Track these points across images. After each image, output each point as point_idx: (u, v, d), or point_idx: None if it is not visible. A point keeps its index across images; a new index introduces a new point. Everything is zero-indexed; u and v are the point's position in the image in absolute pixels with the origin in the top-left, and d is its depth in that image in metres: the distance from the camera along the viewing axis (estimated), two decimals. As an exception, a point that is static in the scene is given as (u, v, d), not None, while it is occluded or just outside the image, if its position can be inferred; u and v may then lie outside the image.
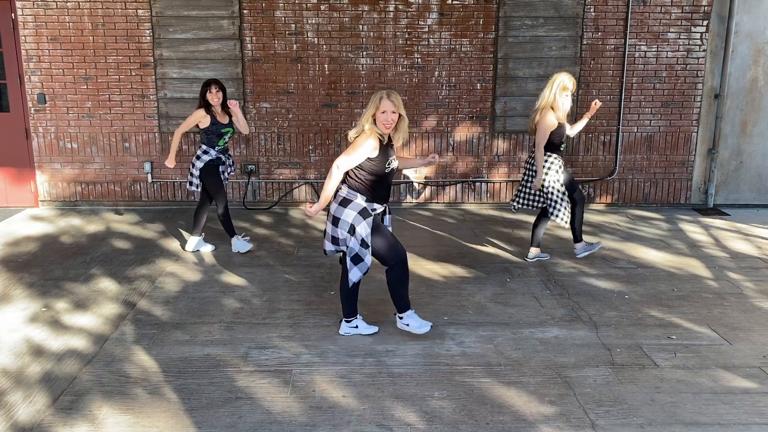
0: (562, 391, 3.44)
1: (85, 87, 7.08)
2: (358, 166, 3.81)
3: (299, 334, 4.10)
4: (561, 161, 5.22)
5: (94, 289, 4.89)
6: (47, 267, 5.35)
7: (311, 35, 7.04)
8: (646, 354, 3.86)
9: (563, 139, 5.19)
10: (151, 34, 6.98)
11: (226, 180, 5.73)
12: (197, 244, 5.72)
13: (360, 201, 3.81)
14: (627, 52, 7.11)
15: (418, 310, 4.34)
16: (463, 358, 3.80)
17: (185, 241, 5.96)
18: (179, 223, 6.67)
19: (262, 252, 5.77)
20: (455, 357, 3.81)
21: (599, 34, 7.09)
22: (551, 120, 5.06)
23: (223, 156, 5.61)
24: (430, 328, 3.99)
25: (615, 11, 7.04)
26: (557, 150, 5.19)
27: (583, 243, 5.49)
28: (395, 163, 3.94)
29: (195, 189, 5.62)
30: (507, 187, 7.43)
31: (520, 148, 7.33)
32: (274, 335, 4.09)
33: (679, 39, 7.11)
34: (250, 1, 6.95)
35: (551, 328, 4.21)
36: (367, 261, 3.82)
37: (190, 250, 5.71)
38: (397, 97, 3.76)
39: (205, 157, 5.51)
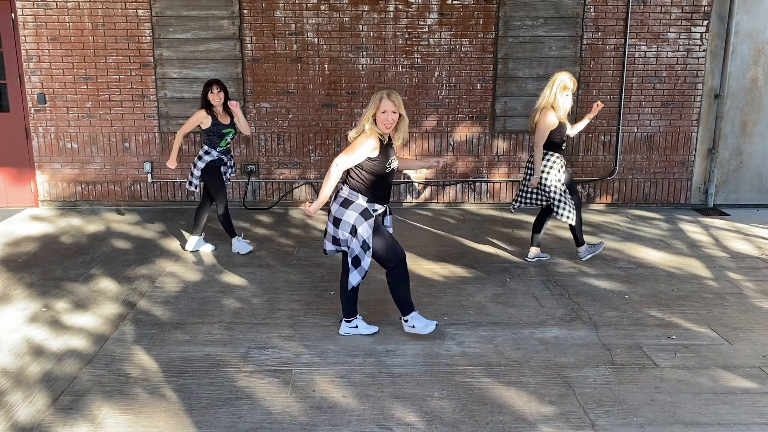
0: (562, 391, 3.44)
1: (85, 87, 7.08)
2: (358, 166, 3.81)
3: (299, 334, 4.10)
4: (563, 161, 5.22)
5: (94, 289, 4.89)
6: (47, 267, 5.35)
7: (311, 35, 7.04)
8: (646, 354, 3.86)
9: (564, 138, 5.19)
10: (151, 34, 6.98)
11: (228, 181, 5.73)
12: (197, 244, 5.72)
13: (361, 202, 3.81)
14: (627, 52, 7.11)
15: (419, 310, 4.34)
16: (463, 358, 3.81)
17: (185, 241, 5.96)
18: (179, 223, 6.67)
19: (262, 252, 5.77)
20: (455, 357, 3.81)
21: (599, 34, 7.09)
22: (551, 119, 5.06)
23: (225, 157, 5.61)
24: (436, 327, 4.00)
25: (615, 11, 7.04)
26: (559, 149, 5.18)
27: (585, 246, 5.49)
28: (395, 163, 3.94)
29: (194, 189, 5.62)
30: (507, 187, 7.43)
31: (520, 148, 7.33)
32: (274, 335, 4.09)
33: (679, 39, 7.11)
34: (250, 1, 6.95)
35: (551, 328, 4.21)
36: (364, 265, 3.82)
37: (190, 250, 5.71)
38: (398, 97, 3.76)
39: (207, 158, 5.51)
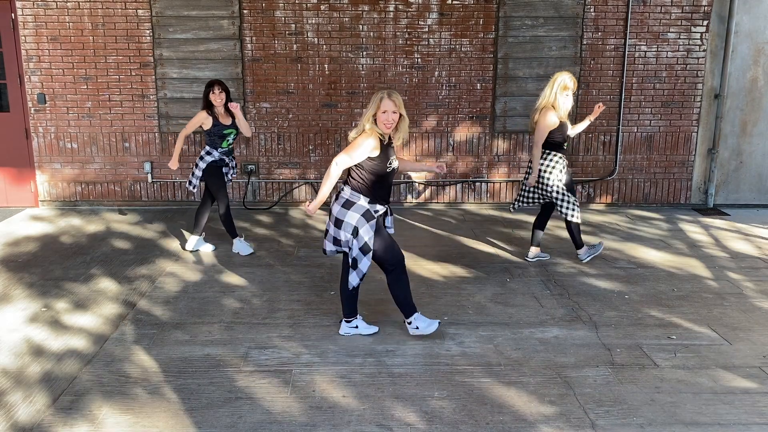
0: (562, 391, 3.44)
1: (85, 87, 7.08)
2: (359, 166, 3.81)
3: (299, 334, 4.10)
4: (565, 161, 5.21)
5: (94, 289, 4.89)
6: (47, 267, 5.35)
7: (311, 35, 7.04)
8: (646, 354, 3.86)
9: (566, 138, 5.19)
10: (151, 34, 6.98)
11: (229, 181, 5.73)
12: (197, 244, 5.72)
13: (363, 203, 3.81)
14: (627, 52, 7.11)
15: (420, 310, 4.33)
16: (463, 358, 3.81)
17: (185, 240, 5.96)
18: (179, 223, 6.67)
19: (262, 252, 5.77)
20: (455, 357, 3.81)
21: (599, 34, 7.09)
22: (551, 119, 5.06)
23: (226, 158, 5.61)
24: (438, 325, 4.01)
25: (615, 11, 7.04)
26: (561, 149, 5.18)
27: (585, 248, 5.48)
28: (396, 163, 3.94)
29: (193, 189, 5.62)
30: (507, 187, 7.43)
31: (520, 148, 7.33)
32: (274, 335, 4.09)
33: (679, 39, 7.11)
34: (250, 1, 6.95)
35: (551, 328, 4.21)
36: (362, 267, 3.82)
37: (190, 250, 5.71)
38: (398, 97, 3.76)
39: (208, 158, 5.51)
